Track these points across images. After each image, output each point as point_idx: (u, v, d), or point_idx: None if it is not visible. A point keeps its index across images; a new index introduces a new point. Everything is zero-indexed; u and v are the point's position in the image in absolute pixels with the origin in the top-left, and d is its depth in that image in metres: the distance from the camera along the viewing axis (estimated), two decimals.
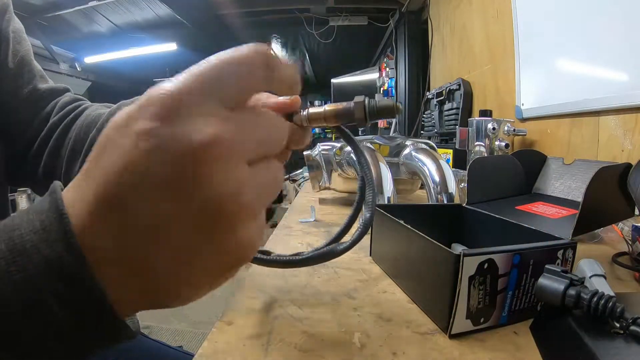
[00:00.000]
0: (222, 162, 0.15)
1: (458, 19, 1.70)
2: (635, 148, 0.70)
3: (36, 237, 0.15)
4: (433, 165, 0.65)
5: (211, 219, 0.16)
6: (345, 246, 0.26)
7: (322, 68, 4.56)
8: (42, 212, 0.16)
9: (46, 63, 3.52)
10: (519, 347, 0.27)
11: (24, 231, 0.15)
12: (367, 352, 0.26)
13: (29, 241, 0.15)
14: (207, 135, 0.15)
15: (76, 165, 0.36)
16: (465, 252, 0.27)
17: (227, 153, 0.16)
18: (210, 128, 0.15)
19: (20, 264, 0.15)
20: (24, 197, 2.16)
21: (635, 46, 0.68)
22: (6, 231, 0.16)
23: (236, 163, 0.16)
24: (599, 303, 0.23)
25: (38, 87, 0.40)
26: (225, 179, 0.16)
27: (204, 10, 2.86)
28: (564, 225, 0.43)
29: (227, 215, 0.16)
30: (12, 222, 0.16)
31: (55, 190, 0.17)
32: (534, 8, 1.04)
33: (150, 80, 1.02)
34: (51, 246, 0.15)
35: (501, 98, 1.27)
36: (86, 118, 0.37)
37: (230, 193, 0.16)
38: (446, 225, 0.48)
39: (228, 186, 0.16)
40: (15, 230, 0.15)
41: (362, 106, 0.24)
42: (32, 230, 0.15)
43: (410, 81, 2.54)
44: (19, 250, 0.15)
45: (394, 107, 0.24)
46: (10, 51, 0.37)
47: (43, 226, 0.15)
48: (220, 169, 0.15)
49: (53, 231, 0.15)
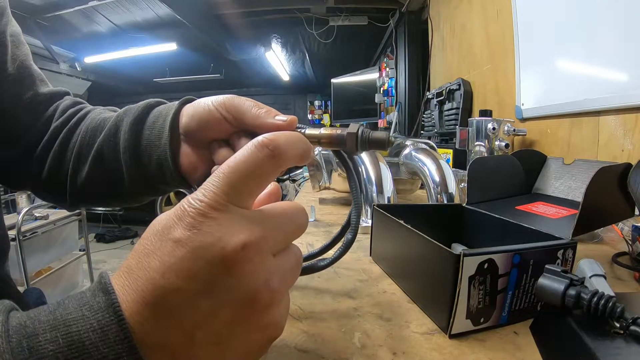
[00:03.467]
0: (252, 262, 0.18)
1: (458, 18, 1.70)
2: (635, 148, 0.70)
3: (94, 335, 0.16)
4: (433, 165, 0.65)
5: (247, 308, 0.18)
6: (325, 263, 0.28)
7: (322, 68, 4.55)
8: (97, 310, 0.17)
9: (46, 63, 3.52)
10: (519, 347, 0.27)
11: (81, 328, 0.16)
12: (367, 352, 0.26)
13: (87, 339, 0.16)
14: (236, 242, 0.18)
15: (84, 169, 0.36)
16: (465, 252, 0.27)
17: (255, 254, 0.18)
18: (239, 235, 0.18)
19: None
20: (24, 197, 2.16)
21: (635, 46, 0.68)
22: (64, 325, 0.16)
23: (263, 259, 0.19)
24: (599, 303, 0.23)
25: (39, 91, 0.39)
26: (256, 273, 0.18)
27: (204, 10, 2.86)
28: (564, 225, 0.43)
29: (261, 302, 0.18)
30: (67, 314, 0.17)
31: (109, 291, 0.17)
32: (534, 8, 1.04)
33: (150, 80, 1.03)
34: (111, 346, 0.16)
35: (501, 98, 1.27)
36: (91, 122, 0.37)
37: (261, 283, 0.18)
38: (446, 225, 0.48)
39: (259, 279, 0.18)
40: (72, 326, 0.16)
41: (354, 137, 0.26)
42: (90, 328, 0.16)
43: (410, 81, 2.54)
44: (77, 347, 0.16)
45: (385, 140, 0.25)
46: (9, 56, 0.37)
47: (100, 326, 0.16)
48: (250, 267, 0.18)
49: (112, 332, 0.16)
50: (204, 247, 0.17)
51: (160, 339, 0.17)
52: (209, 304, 0.18)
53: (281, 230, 0.20)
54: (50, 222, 2.12)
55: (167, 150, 0.32)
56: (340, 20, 2.88)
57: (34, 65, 0.40)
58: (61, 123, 0.39)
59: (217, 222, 0.18)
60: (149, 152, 0.33)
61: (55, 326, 0.16)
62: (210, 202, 0.18)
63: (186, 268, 0.17)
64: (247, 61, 4.02)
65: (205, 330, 0.18)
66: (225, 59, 3.82)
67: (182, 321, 0.18)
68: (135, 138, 0.33)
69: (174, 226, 0.18)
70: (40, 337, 0.16)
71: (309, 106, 5.74)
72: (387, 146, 0.26)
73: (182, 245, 0.17)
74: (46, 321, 0.16)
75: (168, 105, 0.35)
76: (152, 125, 0.33)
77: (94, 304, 0.17)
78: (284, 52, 4.05)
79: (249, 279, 0.18)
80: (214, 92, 0.41)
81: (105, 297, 0.17)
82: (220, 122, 0.30)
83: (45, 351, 0.15)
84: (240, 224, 0.18)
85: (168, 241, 0.18)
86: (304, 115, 5.75)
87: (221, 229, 0.18)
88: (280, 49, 3.92)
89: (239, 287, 0.18)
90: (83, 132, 0.37)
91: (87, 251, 2.41)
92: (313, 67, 4.60)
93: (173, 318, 0.17)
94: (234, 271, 0.18)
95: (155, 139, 0.33)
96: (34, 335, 0.16)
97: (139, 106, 0.35)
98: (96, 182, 0.36)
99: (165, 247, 0.18)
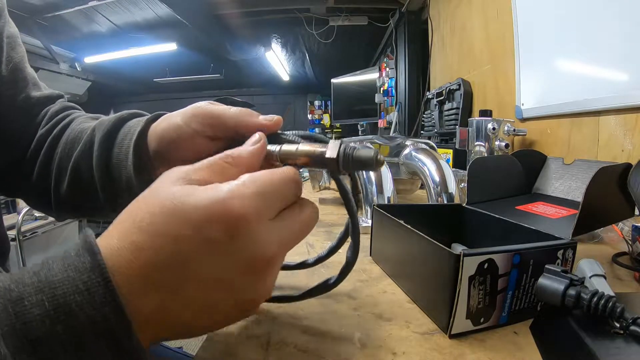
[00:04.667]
0: (271, 272, 0.20)
1: (458, 18, 1.70)
2: (635, 148, 0.70)
3: (80, 298, 0.16)
4: (433, 165, 0.65)
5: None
6: (330, 284, 0.28)
7: (322, 68, 4.55)
8: (83, 271, 0.17)
9: (46, 63, 3.51)
10: (519, 347, 0.27)
11: (67, 290, 0.16)
12: (367, 352, 0.26)
13: (73, 301, 0.16)
14: (268, 254, 0.19)
15: (64, 181, 0.35)
16: (465, 252, 0.27)
17: (276, 264, 0.21)
18: (270, 248, 0.19)
19: (67, 324, 0.15)
20: None
21: (635, 46, 0.68)
22: (49, 287, 0.16)
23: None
24: (599, 303, 0.23)
25: (31, 95, 0.39)
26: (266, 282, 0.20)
27: (204, 10, 2.86)
28: (564, 225, 0.43)
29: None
30: (52, 276, 0.16)
31: (94, 252, 0.17)
32: (534, 8, 1.04)
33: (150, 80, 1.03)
34: (97, 308, 0.16)
35: (501, 98, 1.27)
36: (71, 133, 0.36)
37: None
38: (446, 225, 0.48)
39: (267, 286, 0.21)
40: (57, 288, 0.16)
41: (334, 159, 0.22)
42: (76, 290, 0.16)
43: (410, 81, 2.53)
44: (64, 310, 0.16)
45: (373, 160, 0.21)
46: (4, 58, 0.36)
47: (87, 287, 0.16)
48: (267, 276, 0.20)
49: (98, 294, 0.16)
50: (239, 251, 0.18)
51: (150, 300, 0.18)
52: (206, 264, 0.18)
53: (280, 195, 0.21)
54: (50, 222, 2.12)
55: (131, 173, 0.30)
56: (340, 20, 2.88)
57: (28, 67, 0.40)
58: (46, 130, 0.38)
59: (253, 231, 0.19)
60: (118, 170, 0.32)
61: (40, 289, 0.16)
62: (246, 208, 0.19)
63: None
64: (247, 61, 4.02)
65: (197, 292, 0.18)
66: (225, 59, 3.82)
67: (175, 282, 0.18)
68: (106, 156, 0.32)
69: (211, 225, 0.18)
70: (26, 301, 0.15)
71: (309, 106, 5.73)
72: (375, 166, 0.22)
73: (218, 246, 0.18)
74: (31, 284, 0.16)
75: (138, 120, 0.33)
76: (120, 142, 0.32)
77: (79, 265, 0.17)
78: (284, 52, 4.05)
79: (262, 284, 0.19)
80: (214, 92, 0.41)
81: (91, 257, 0.17)
82: (193, 139, 0.28)
83: (32, 315, 0.15)
84: (270, 235, 0.19)
85: (200, 237, 0.18)
86: (304, 115, 5.74)
87: (256, 236, 0.19)
88: (280, 49, 3.92)
89: (251, 289, 0.19)
90: (63, 144, 0.36)
91: None
92: (313, 67, 4.60)
93: (165, 278, 0.18)
94: (254, 276, 0.19)
95: (123, 158, 0.31)
96: (19, 300, 0.16)
97: (111, 120, 0.33)
98: (76, 195, 0.35)
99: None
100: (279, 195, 0.21)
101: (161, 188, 0.20)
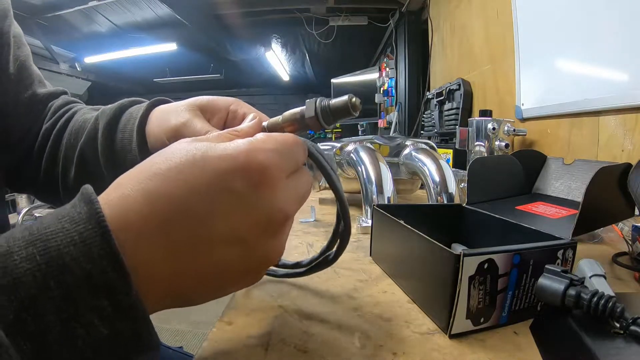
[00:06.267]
0: (285, 231, 0.21)
1: (458, 19, 1.70)
2: (635, 148, 0.70)
3: (75, 250, 0.15)
4: (433, 165, 0.65)
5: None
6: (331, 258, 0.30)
7: (322, 68, 4.55)
8: (78, 222, 0.15)
9: (46, 63, 3.52)
10: (519, 347, 0.27)
11: (61, 242, 0.15)
12: (367, 352, 0.26)
13: (67, 254, 0.14)
14: (287, 212, 0.19)
15: (71, 171, 0.36)
16: (465, 252, 0.27)
17: (290, 223, 0.21)
18: (288, 206, 0.20)
19: (60, 279, 0.14)
20: (24, 197, 2.16)
21: (635, 46, 0.68)
22: (41, 240, 0.15)
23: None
24: (599, 303, 0.23)
25: (37, 92, 0.40)
26: (280, 241, 0.20)
27: (204, 10, 2.86)
28: (564, 225, 0.43)
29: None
30: (44, 228, 0.15)
31: (91, 200, 0.16)
32: (534, 8, 1.04)
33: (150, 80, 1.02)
34: (93, 261, 0.15)
35: (501, 98, 1.27)
36: (75, 124, 0.37)
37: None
38: (446, 225, 0.48)
39: (280, 246, 0.20)
40: (50, 240, 0.15)
41: (312, 113, 0.23)
42: (71, 242, 0.15)
43: (410, 81, 2.54)
44: (57, 264, 0.14)
45: (347, 104, 0.22)
46: (11, 56, 0.37)
47: (82, 239, 0.15)
48: (282, 235, 0.21)
49: (95, 245, 0.15)
50: (259, 207, 0.18)
51: (158, 256, 0.16)
52: (226, 217, 0.17)
53: (293, 155, 0.21)
54: None
55: (137, 155, 0.31)
56: (340, 20, 2.88)
57: (33, 66, 0.41)
58: (51, 124, 0.39)
59: (273, 187, 0.18)
60: (123, 154, 0.33)
61: (31, 242, 0.15)
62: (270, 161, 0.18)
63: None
64: (247, 61, 4.02)
65: (211, 248, 0.17)
66: (225, 59, 3.83)
67: (189, 236, 0.17)
68: (110, 141, 0.33)
69: (235, 177, 0.17)
70: (15, 255, 0.14)
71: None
72: (352, 111, 0.22)
73: (240, 199, 0.17)
74: (21, 237, 0.15)
75: (139, 107, 0.34)
76: (123, 127, 0.33)
77: (75, 215, 0.15)
78: (284, 52, 4.05)
79: (276, 243, 0.19)
80: (214, 92, 0.41)
81: (87, 206, 0.16)
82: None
83: (21, 270, 0.14)
84: (287, 193, 0.19)
85: (222, 187, 0.17)
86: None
87: (275, 194, 0.18)
88: (280, 49, 3.92)
89: (266, 248, 0.18)
90: (68, 135, 0.37)
91: None
92: (313, 67, 4.60)
93: (179, 230, 0.16)
94: (271, 234, 0.18)
95: (127, 143, 0.32)
96: (8, 254, 0.14)
97: (112, 108, 0.34)
98: (83, 183, 0.36)
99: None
100: (292, 155, 0.21)
101: (176, 146, 0.19)
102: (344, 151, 0.71)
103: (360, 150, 0.67)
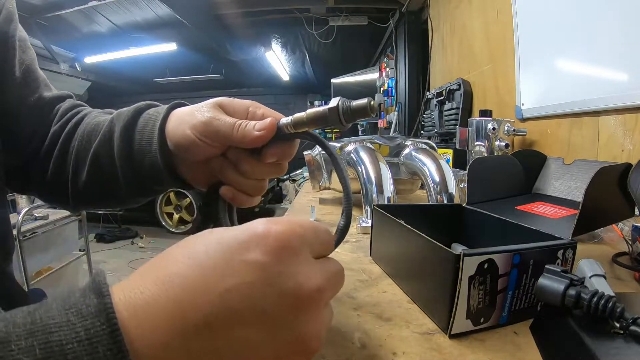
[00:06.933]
0: (316, 308, 0.18)
1: (458, 18, 1.70)
2: (635, 148, 0.70)
3: (80, 348, 0.13)
4: (433, 165, 0.65)
5: (293, 350, 0.17)
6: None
7: (322, 68, 4.55)
8: (86, 315, 0.14)
9: (46, 63, 3.52)
10: (519, 347, 0.27)
11: (65, 337, 0.13)
12: (367, 352, 0.26)
13: (70, 351, 0.13)
14: (315, 284, 0.18)
15: (83, 172, 0.36)
16: (465, 252, 0.27)
17: (320, 301, 0.18)
18: (316, 279, 0.18)
19: None
20: (24, 197, 2.16)
21: (635, 46, 0.68)
22: (43, 332, 0.13)
23: (324, 306, 0.19)
24: (599, 303, 0.23)
25: (43, 95, 0.40)
26: (316, 320, 0.18)
27: (204, 10, 2.86)
28: (564, 225, 0.43)
29: (308, 350, 0.18)
30: (49, 318, 0.14)
31: (102, 292, 0.15)
32: (534, 8, 1.04)
33: (150, 80, 1.03)
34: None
35: (501, 98, 1.27)
36: (87, 127, 0.37)
37: (315, 331, 0.18)
38: (446, 225, 0.48)
39: (316, 326, 0.18)
40: (53, 334, 0.13)
41: (335, 110, 0.26)
42: (76, 338, 0.13)
43: (410, 81, 2.53)
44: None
45: (367, 106, 0.25)
46: (17, 59, 0.37)
47: (88, 336, 0.14)
48: (313, 312, 0.18)
49: (102, 345, 0.13)
50: (277, 276, 0.17)
51: (174, 353, 0.15)
52: (260, 334, 0.16)
53: (338, 281, 0.21)
54: (50, 222, 2.12)
55: (157, 156, 0.32)
56: (340, 20, 2.88)
57: (39, 69, 0.41)
58: (60, 127, 0.39)
59: (294, 255, 0.18)
60: (141, 156, 0.33)
61: (32, 332, 0.13)
62: (289, 231, 0.18)
63: (250, 293, 0.16)
64: (247, 61, 4.02)
65: (235, 332, 0.16)
66: (225, 59, 3.82)
67: (221, 348, 0.16)
68: (128, 144, 0.34)
69: (249, 248, 0.17)
70: (14, 345, 0.13)
71: (309, 106, 5.70)
72: (370, 112, 0.25)
73: (255, 269, 0.16)
74: (22, 324, 0.14)
75: (158, 109, 0.35)
76: (142, 129, 0.33)
77: (83, 308, 0.14)
78: (284, 52, 4.05)
79: (309, 322, 0.18)
80: (214, 92, 0.42)
81: (97, 299, 0.14)
82: (205, 147, 0.30)
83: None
84: (312, 267, 0.19)
85: (240, 262, 0.16)
86: None
87: (297, 263, 0.18)
88: (280, 49, 3.92)
89: (297, 327, 0.17)
90: (80, 137, 0.37)
91: (87, 251, 2.41)
92: (313, 67, 4.60)
93: (215, 340, 0.15)
94: (301, 310, 0.17)
95: (146, 144, 0.33)
96: (6, 342, 0.13)
97: (129, 111, 0.35)
98: (95, 185, 0.36)
99: (236, 268, 0.16)
100: (317, 238, 0.20)
101: (191, 241, 0.18)
102: (344, 151, 0.71)
103: (360, 150, 0.67)
